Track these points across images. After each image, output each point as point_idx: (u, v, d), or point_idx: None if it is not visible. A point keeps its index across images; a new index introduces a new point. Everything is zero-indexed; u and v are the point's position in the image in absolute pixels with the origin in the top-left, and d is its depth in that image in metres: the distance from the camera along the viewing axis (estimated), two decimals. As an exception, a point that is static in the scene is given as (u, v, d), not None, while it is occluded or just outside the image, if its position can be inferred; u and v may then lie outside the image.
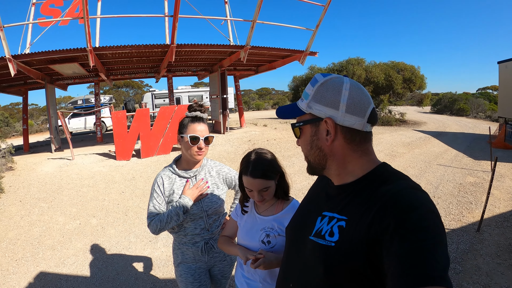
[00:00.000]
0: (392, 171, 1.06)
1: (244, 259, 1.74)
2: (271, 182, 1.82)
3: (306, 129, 1.13)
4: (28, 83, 13.14)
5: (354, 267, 0.91)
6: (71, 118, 20.85)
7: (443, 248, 0.80)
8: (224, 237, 2.08)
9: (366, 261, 0.89)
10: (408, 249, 0.79)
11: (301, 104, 1.14)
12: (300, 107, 1.14)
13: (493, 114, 25.71)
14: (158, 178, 2.30)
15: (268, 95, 57.94)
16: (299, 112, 1.15)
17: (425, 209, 0.86)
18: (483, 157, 10.44)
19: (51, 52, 9.08)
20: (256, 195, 1.79)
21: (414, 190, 0.93)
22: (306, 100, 1.12)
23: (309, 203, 1.30)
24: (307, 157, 1.16)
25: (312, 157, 1.14)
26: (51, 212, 6.29)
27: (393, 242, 0.82)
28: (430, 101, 32.49)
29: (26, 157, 10.57)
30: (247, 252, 1.79)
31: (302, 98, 1.15)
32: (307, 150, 1.15)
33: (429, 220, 0.83)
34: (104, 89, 42.75)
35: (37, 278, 4.33)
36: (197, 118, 2.29)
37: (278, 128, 15.38)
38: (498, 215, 5.74)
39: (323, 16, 11.05)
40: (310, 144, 1.12)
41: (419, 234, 0.80)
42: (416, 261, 0.76)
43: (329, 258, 0.97)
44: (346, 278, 0.94)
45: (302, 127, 1.14)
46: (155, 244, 5.13)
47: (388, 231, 0.84)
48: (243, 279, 1.94)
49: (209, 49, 11.01)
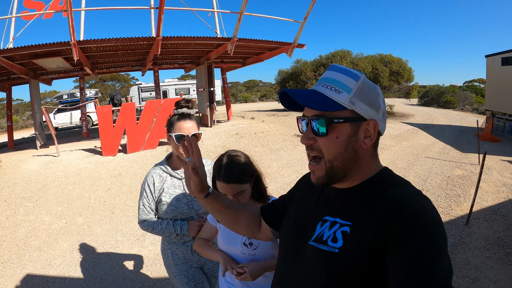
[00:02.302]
0: (395, 177, 1.04)
1: (223, 269, 1.70)
2: (245, 185, 1.76)
3: (344, 128, 0.98)
4: (12, 79, 12.83)
5: (359, 274, 0.88)
6: (57, 113, 20.47)
7: (446, 256, 0.79)
8: (201, 240, 2.02)
9: (371, 268, 0.87)
10: (413, 256, 0.78)
11: (339, 97, 0.97)
12: (338, 100, 0.97)
13: (480, 106, 26.10)
14: (148, 177, 2.27)
15: (256, 87, 57.83)
16: (331, 105, 0.97)
17: (430, 216, 0.84)
18: (470, 149, 10.57)
19: (34, 47, 8.86)
20: (232, 198, 1.72)
21: (419, 197, 0.91)
22: (349, 94, 0.97)
23: (304, 208, 1.21)
24: (334, 160, 0.99)
25: (342, 161, 0.99)
26: (37, 212, 6.17)
27: (398, 249, 0.81)
28: (418, 93, 32.76)
29: (11, 155, 10.35)
30: (229, 262, 1.73)
31: (336, 89, 0.98)
32: (338, 153, 0.99)
33: (435, 228, 0.82)
34: (90, 83, 42.17)
35: (23, 281, 4.24)
36: (184, 115, 2.23)
37: (265, 121, 15.33)
38: (486, 208, 5.80)
39: (311, 8, 10.99)
40: (345, 145, 0.98)
41: (425, 242, 0.79)
42: (421, 269, 0.76)
43: (333, 265, 0.93)
44: (348, 284, 0.90)
45: (336, 125, 0.97)
46: (143, 243, 5.06)
47: (393, 238, 0.83)
48: (225, 284, 1.91)
49: (196, 41, 10.89)
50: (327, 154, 0.99)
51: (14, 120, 20.06)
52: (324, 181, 1.02)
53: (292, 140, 11.50)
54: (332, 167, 0.99)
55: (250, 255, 1.73)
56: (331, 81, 1.00)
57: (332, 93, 0.98)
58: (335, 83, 0.99)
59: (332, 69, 1.04)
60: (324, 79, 1.03)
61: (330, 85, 0.99)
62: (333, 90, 0.98)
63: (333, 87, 0.99)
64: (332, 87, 0.99)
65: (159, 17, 9.18)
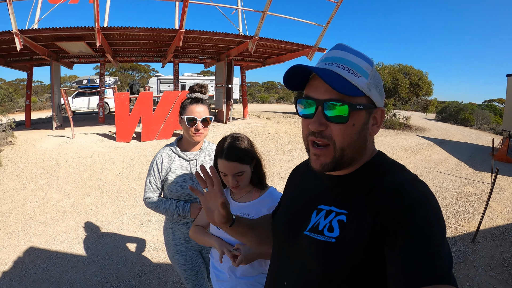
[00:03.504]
0: (391, 161, 1.02)
1: (220, 253, 1.70)
2: (246, 166, 1.77)
3: (361, 115, 0.93)
4: (34, 59, 13.09)
5: (356, 263, 0.86)
6: (75, 98, 20.79)
7: (446, 245, 0.77)
8: (197, 227, 2.01)
9: (369, 257, 0.84)
10: (413, 247, 0.76)
11: (359, 81, 0.91)
12: (358, 86, 0.91)
13: (497, 126, 25.59)
14: (158, 156, 2.33)
15: (274, 89, 57.68)
16: (352, 90, 0.90)
17: (430, 205, 0.82)
18: (483, 168, 10.38)
19: (58, 29, 9.03)
20: (231, 179, 1.74)
21: (417, 183, 0.89)
22: (367, 79, 0.93)
23: (298, 197, 1.17)
24: (346, 148, 0.94)
25: (353, 149, 0.95)
26: (47, 188, 6.27)
27: (397, 239, 0.79)
28: (436, 108, 32.34)
29: (26, 133, 10.55)
30: (224, 245, 1.73)
31: (355, 72, 0.92)
32: (352, 140, 0.93)
33: (434, 217, 0.81)
34: (111, 70, 42.69)
35: (26, 253, 4.31)
36: (197, 100, 2.27)
37: (280, 122, 15.32)
38: (494, 228, 5.69)
39: (334, 13, 10.95)
40: (359, 133, 0.94)
41: (425, 231, 0.77)
42: (421, 258, 0.74)
43: (330, 254, 0.90)
44: (346, 275, 0.88)
45: (355, 111, 0.91)
46: (147, 228, 5.11)
47: (392, 227, 0.81)
48: (213, 270, 1.93)
49: (218, 37, 10.94)
50: (340, 142, 0.93)
51: (32, 101, 20.41)
52: (329, 167, 0.96)
53: (305, 143, 11.42)
54: (342, 155, 0.94)
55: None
56: (348, 63, 0.93)
57: (351, 76, 0.91)
58: (353, 66, 0.93)
59: (343, 49, 0.97)
60: (338, 59, 0.94)
61: (347, 67, 0.92)
62: (352, 73, 0.91)
63: (351, 70, 0.92)
64: (350, 70, 0.92)
65: (183, 10, 9.27)
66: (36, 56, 12.54)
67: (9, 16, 8.08)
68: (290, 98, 43.18)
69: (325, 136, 0.93)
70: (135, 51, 13.82)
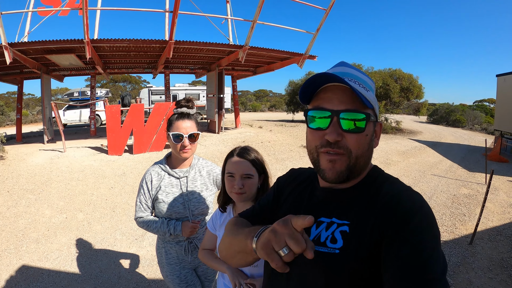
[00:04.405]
0: (386, 175, 1.05)
1: (233, 285, 1.66)
2: (255, 173, 1.76)
3: (370, 126, 0.98)
4: (24, 72, 13.03)
5: (360, 272, 0.87)
6: (66, 110, 20.68)
7: (440, 251, 0.80)
8: (206, 251, 1.97)
9: (371, 265, 0.86)
10: (408, 252, 0.78)
11: (368, 95, 0.96)
12: (368, 98, 0.95)
13: (489, 126, 25.85)
14: (147, 175, 2.29)
15: (266, 97, 57.94)
16: (367, 103, 0.94)
17: (425, 212, 0.85)
18: (477, 169, 10.44)
19: (48, 42, 8.99)
20: (237, 182, 1.71)
21: (411, 193, 0.92)
22: (373, 93, 0.99)
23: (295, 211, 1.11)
24: (360, 157, 0.97)
25: (365, 158, 0.99)
26: (38, 204, 6.18)
27: (393, 245, 0.81)
28: (427, 110, 32.60)
29: (17, 147, 10.44)
30: (237, 276, 1.68)
31: (364, 86, 0.98)
32: (364, 150, 0.97)
33: (429, 223, 0.83)
34: (102, 82, 42.57)
35: (19, 271, 4.22)
36: (183, 115, 2.24)
37: (273, 131, 15.33)
38: (491, 228, 5.70)
39: (324, 20, 11.03)
40: (370, 143, 0.99)
41: (420, 237, 0.79)
42: (416, 264, 0.76)
43: (333, 266, 0.90)
44: (349, 284, 0.88)
45: (370, 123, 0.97)
46: (141, 243, 5.04)
47: (389, 234, 0.83)
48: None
49: (208, 47, 10.96)
50: (356, 151, 0.95)
51: (23, 114, 20.28)
52: (344, 176, 0.96)
53: (299, 151, 11.45)
54: (356, 163, 0.96)
55: (253, 266, 1.68)
56: (358, 78, 0.99)
57: (362, 90, 0.95)
58: (362, 81, 0.99)
59: (348, 66, 1.03)
60: (348, 74, 0.99)
61: (358, 81, 0.98)
62: (362, 87, 0.96)
63: (361, 84, 0.97)
64: (361, 84, 0.97)
65: (172, 20, 9.28)
66: (26, 69, 12.49)
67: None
68: (282, 106, 43.28)
69: (341, 147, 0.95)
70: (125, 62, 13.80)
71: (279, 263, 0.79)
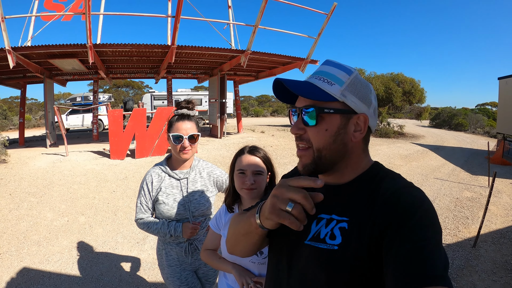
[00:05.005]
0: (387, 170, 1.05)
1: (240, 285, 1.65)
2: (265, 169, 1.80)
3: (334, 119, 0.99)
4: (27, 77, 13.09)
5: (359, 268, 0.87)
6: (69, 115, 20.76)
7: (442, 247, 0.79)
8: (208, 251, 1.95)
9: (371, 262, 0.86)
10: (409, 248, 0.77)
11: (331, 88, 0.98)
12: (329, 92, 0.98)
13: (492, 130, 25.79)
14: (147, 176, 2.30)
15: (268, 102, 57.94)
16: (323, 96, 0.98)
17: (426, 208, 0.85)
18: (480, 172, 10.40)
19: (51, 46, 9.03)
20: (249, 177, 1.73)
21: (412, 189, 0.92)
22: (341, 86, 0.99)
23: None
24: (322, 150, 0.99)
25: (330, 151, 0.99)
26: (40, 207, 6.19)
27: (394, 241, 0.81)
28: (429, 115, 32.54)
29: (20, 151, 10.47)
30: (243, 275, 1.67)
31: (329, 81, 1.00)
32: (327, 143, 0.99)
33: (430, 219, 0.83)
34: (104, 88, 42.75)
35: (20, 274, 4.22)
36: (184, 116, 2.25)
37: (275, 135, 15.33)
38: (494, 231, 5.67)
39: (325, 25, 11.05)
40: (335, 136, 0.99)
41: (421, 234, 0.79)
42: (418, 260, 0.75)
43: (333, 262, 0.91)
44: (349, 280, 0.88)
45: (327, 115, 0.98)
46: (143, 246, 5.03)
47: (390, 230, 0.83)
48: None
49: (210, 52, 11.00)
50: (316, 144, 1.00)
51: (26, 119, 20.38)
52: (310, 168, 1.02)
53: (300, 155, 11.42)
54: (320, 156, 1.00)
55: (260, 264, 1.68)
56: (325, 74, 1.02)
57: (325, 84, 1.00)
58: (328, 76, 1.01)
59: (326, 64, 1.06)
60: (318, 72, 1.04)
61: (323, 77, 1.01)
62: (326, 82, 1.00)
63: (326, 79, 1.01)
64: (325, 79, 1.01)
65: (175, 25, 9.31)
66: (29, 74, 12.53)
67: (2, 33, 8.07)
68: (284, 111, 43.40)
69: (304, 139, 1.02)
70: (128, 67, 13.85)
71: (291, 219, 0.82)
